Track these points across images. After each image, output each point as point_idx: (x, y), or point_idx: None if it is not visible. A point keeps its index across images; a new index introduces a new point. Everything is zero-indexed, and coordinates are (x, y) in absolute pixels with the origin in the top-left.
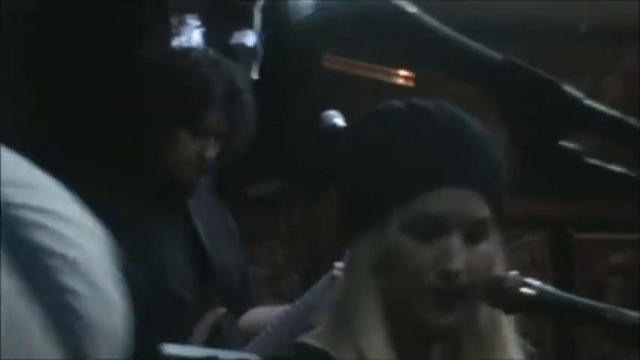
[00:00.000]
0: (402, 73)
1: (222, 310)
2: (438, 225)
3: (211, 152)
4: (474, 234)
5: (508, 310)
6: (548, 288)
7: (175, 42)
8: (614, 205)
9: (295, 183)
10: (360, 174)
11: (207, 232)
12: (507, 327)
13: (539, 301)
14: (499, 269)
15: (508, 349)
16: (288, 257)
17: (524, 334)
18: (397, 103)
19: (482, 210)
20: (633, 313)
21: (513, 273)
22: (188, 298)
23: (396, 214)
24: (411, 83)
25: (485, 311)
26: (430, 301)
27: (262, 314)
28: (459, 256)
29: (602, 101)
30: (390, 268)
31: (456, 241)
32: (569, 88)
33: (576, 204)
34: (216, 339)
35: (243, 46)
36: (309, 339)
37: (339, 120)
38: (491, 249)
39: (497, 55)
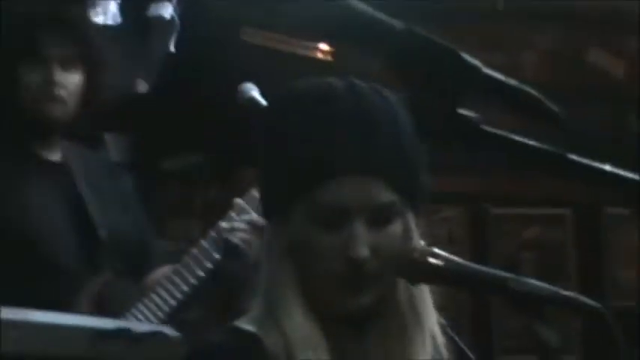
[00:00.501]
0: (322, 47)
1: (107, 278)
2: (340, 213)
3: (59, 78)
4: (379, 218)
5: (415, 280)
6: (455, 258)
7: (92, 14)
8: (529, 181)
9: (212, 157)
10: (268, 161)
11: (96, 195)
12: (426, 302)
13: (446, 271)
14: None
15: (428, 324)
16: (204, 231)
17: (440, 308)
18: (305, 85)
19: (386, 195)
20: (536, 283)
21: (422, 244)
22: (69, 265)
23: (301, 203)
24: (329, 57)
25: (403, 288)
26: (340, 287)
27: (162, 271)
28: (363, 243)
29: (519, 78)
30: (299, 254)
31: (359, 228)
32: (468, 57)
33: (493, 180)
34: (100, 308)
35: (160, 18)
36: (241, 323)
37: (255, 93)
38: (399, 231)
39: (398, 24)
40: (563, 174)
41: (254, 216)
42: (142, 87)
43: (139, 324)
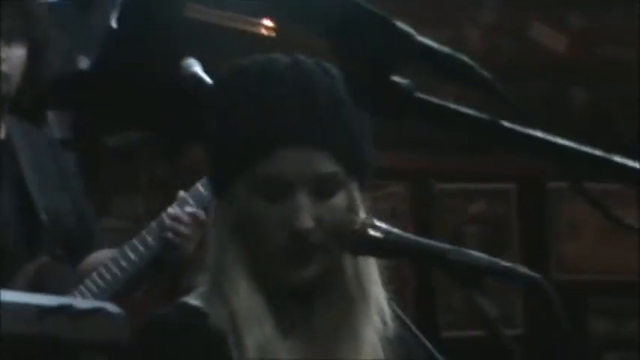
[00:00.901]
0: (265, 23)
1: (45, 259)
2: (283, 185)
3: (2, 52)
4: (322, 190)
5: (356, 252)
6: (395, 230)
7: None
8: (473, 155)
9: (156, 134)
10: (213, 138)
11: (39, 176)
12: (372, 275)
13: (386, 242)
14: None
15: (374, 297)
16: (148, 210)
17: (384, 283)
18: (249, 61)
19: (329, 166)
20: (476, 254)
21: (362, 216)
22: (8, 247)
23: (244, 177)
24: (272, 33)
25: (349, 260)
26: (284, 259)
27: (103, 255)
28: (307, 214)
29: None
30: (245, 229)
31: (302, 199)
32: (400, 24)
33: (437, 155)
34: (37, 290)
35: None
36: (189, 298)
37: (197, 68)
38: (344, 202)
39: None
40: (498, 142)
41: (196, 210)
42: (84, 63)
43: (81, 300)
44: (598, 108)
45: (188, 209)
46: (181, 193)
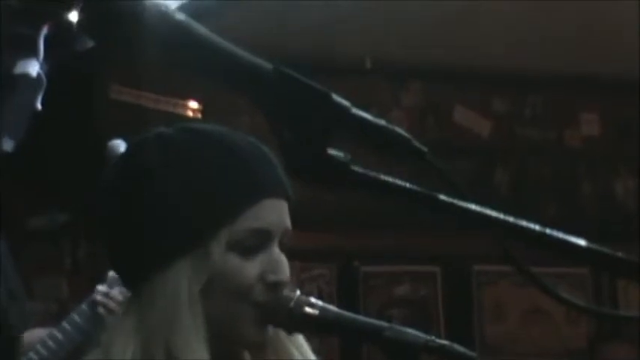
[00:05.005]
0: (191, 104)
1: None
2: (263, 237)
3: None
4: (282, 245)
5: (291, 330)
6: (331, 307)
7: None
8: (398, 237)
9: (79, 216)
10: (174, 199)
11: None
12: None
13: (322, 320)
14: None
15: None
16: (72, 291)
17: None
18: (173, 128)
19: (289, 220)
20: (412, 332)
21: (297, 293)
22: None
23: (222, 234)
24: (199, 115)
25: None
26: (251, 318)
27: (33, 336)
28: (284, 264)
29: None
30: (213, 289)
31: (277, 250)
32: (337, 98)
33: (362, 236)
34: None
35: (27, 76)
36: None
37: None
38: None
39: (267, 65)
40: (434, 214)
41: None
42: (8, 145)
43: None
44: (520, 187)
45: (116, 289)
46: (111, 274)
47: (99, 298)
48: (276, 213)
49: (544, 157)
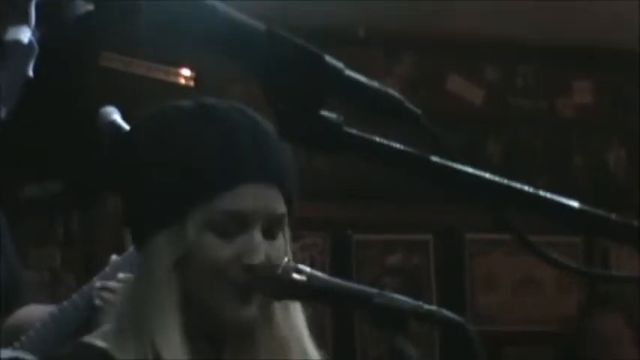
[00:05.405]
0: (183, 72)
1: None
2: (241, 221)
3: None
4: (271, 229)
5: (280, 297)
6: (319, 274)
7: None
8: (391, 206)
9: (72, 186)
10: (158, 173)
11: None
12: (300, 316)
13: (310, 286)
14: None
15: (304, 337)
16: (65, 261)
17: None
18: (185, 102)
19: (280, 205)
20: (401, 298)
21: (285, 260)
22: None
23: (198, 213)
24: (191, 83)
25: (279, 306)
26: (230, 295)
27: (33, 312)
28: (262, 250)
29: None
30: (191, 265)
31: (258, 236)
32: (330, 59)
33: (355, 206)
34: None
35: (18, 43)
36: (91, 338)
37: (117, 116)
38: (282, 244)
39: (260, 26)
40: (427, 178)
41: (128, 275)
42: (1, 112)
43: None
44: (512, 157)
45: (120, 275)
46: (114, 257)
47: (98, 284)
48: (256, 198)
49: (536, 127)
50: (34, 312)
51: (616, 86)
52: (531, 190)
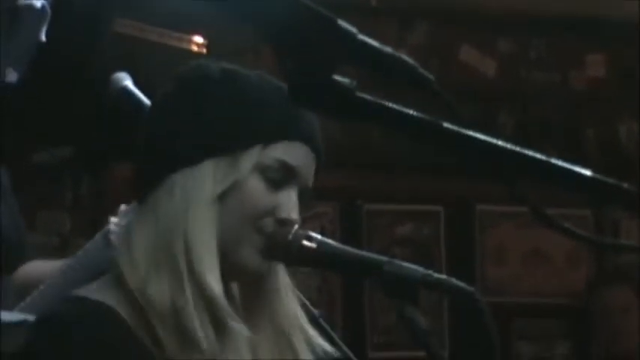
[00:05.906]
0: (196, 39)
1: None
2: (287, 174)
3: None
4: (301, 199)
5: (289, 263)
6: (329, 241)
7: None
8: (402, 176)
9: (82, 150)
10: (226, 106)
11: None
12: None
13: (319, 253)
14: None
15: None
16: (74, 226)
17: (313, 302)
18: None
19: (312, 178)
20: (411, 266)
21: (295, 227)
22: None
23: (255, 152)
24: (204, 50)
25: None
26: (255, 245)
27: (39, 267)
28: (297, 209)
29: None
30: (229, 206)
31: (295, 195)
32: (344, 23)
33: (366, 175)
34: None
35: (31, 7)
36: (87, 292)
37: (128, 82)
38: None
39: None
40: (439, 144)
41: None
42: (12, 77)
43: (4, 313)
44: (524, 129)
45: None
46: (123, 207)
47: (112, 227)
48: (307, 161)
49: (548, 99)
50: (39, 267)
51: (629, 60)
52: (544, 157)
